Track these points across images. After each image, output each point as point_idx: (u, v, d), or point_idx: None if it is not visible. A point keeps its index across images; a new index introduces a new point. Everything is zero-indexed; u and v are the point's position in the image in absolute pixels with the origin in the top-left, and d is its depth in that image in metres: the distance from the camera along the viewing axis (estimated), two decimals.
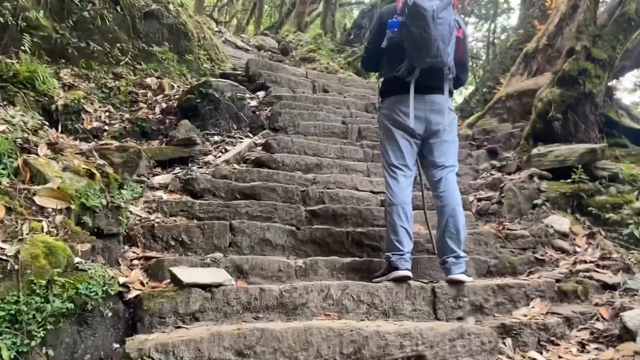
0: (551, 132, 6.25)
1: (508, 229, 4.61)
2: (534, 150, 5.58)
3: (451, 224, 3.38)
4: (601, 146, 5.03)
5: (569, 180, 4.93)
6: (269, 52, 14.15)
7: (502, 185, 5.29)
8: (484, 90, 10.31)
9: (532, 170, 5.35)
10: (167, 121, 5.85)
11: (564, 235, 4.56)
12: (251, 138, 6.01)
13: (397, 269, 3.25)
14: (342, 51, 15.20)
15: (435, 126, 3.47)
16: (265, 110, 6.68)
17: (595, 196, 4.87)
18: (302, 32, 18.16)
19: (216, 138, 5.81)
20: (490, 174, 5.90)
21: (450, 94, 3.57)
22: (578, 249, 4.37)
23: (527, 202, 5.04)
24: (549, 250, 4.40)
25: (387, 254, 3.37)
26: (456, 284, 3.31)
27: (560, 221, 4.66)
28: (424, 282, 3.35)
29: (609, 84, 6.39)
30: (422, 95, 3.44)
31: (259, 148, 5.57)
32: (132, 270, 3.08)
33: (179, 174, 4.64)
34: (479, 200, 5.19)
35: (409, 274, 3.26)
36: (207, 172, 4.83)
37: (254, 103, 6.98)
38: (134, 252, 3.33)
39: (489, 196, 5.20)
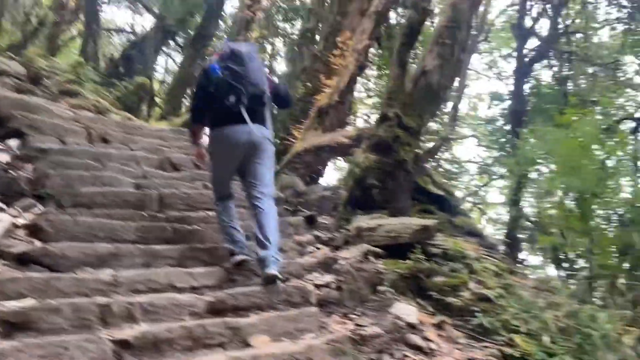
0: (368, 199, 6.01)
1: (358, 326, 3.99)
2: (362, 224, 5.16)
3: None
4: (434, 223, 4.86)
5: (408, 262, 4.60)
6: (14, 79, 11.38)
7: (336, 266, 4.68)
8: (277, 141, 9.92)
9: (365, 247, 4.89)
10: None
11: (413, 327, 4.12)
12: (6, 212, 4.23)
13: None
14: (110, 84, 13.27)
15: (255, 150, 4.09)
16: (25, 169, 4.89)
17: (433, 277, 4.62)
18: (54, 58, 15.48)
19: None
20: (316, 247, 5.29)
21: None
22: (433, 346, 3.96)
23: (368, 287, 4.50)
24: (406, 350, 3.89)
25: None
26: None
27: (407, 310, 4.22)
28: None
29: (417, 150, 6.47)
30: (246, 124, 3.95)
31: (23, 232, 3.87)
32: None
33: None
34: (318, 287, 4.46)
35: (248, 257, 4.08)
36: None
37: (4, 158, 5.09)
38: None
39: (328, 282, 4.52)
